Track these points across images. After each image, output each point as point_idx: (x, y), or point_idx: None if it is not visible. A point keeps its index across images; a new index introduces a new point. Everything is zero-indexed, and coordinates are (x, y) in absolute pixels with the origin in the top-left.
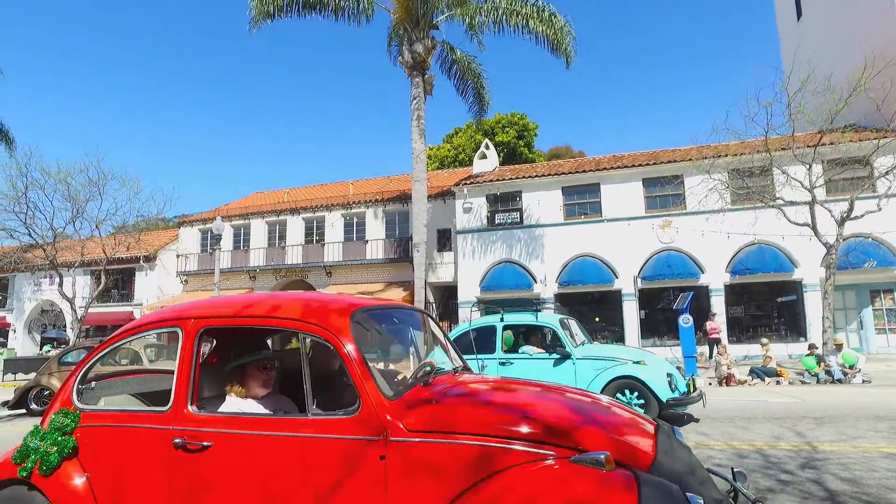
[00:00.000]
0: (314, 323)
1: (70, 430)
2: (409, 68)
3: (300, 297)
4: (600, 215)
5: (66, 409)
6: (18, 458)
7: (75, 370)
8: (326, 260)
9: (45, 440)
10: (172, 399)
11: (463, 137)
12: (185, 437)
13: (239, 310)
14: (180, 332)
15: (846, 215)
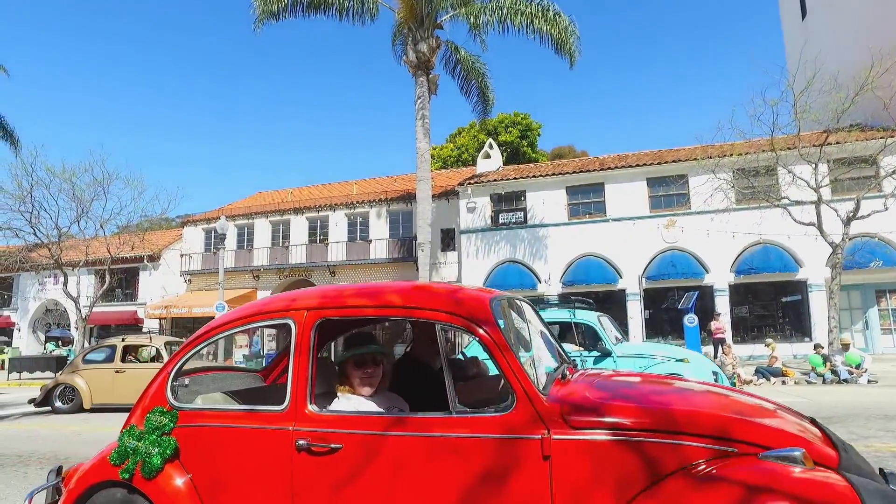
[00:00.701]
0: (457, 313)
1: (169, 430)
2: (413, 68)
3: (427, 285)
4: (604, 215)
5: (161, 407)
6: (117, 459)
7: (167, 366)
8: (330, 259)
9: (143, 441)
10: (290, 398)
11: (466, 137)
12: (310, 438)
13: (362, 300)
14: (292, 324)
15: (852, 215)
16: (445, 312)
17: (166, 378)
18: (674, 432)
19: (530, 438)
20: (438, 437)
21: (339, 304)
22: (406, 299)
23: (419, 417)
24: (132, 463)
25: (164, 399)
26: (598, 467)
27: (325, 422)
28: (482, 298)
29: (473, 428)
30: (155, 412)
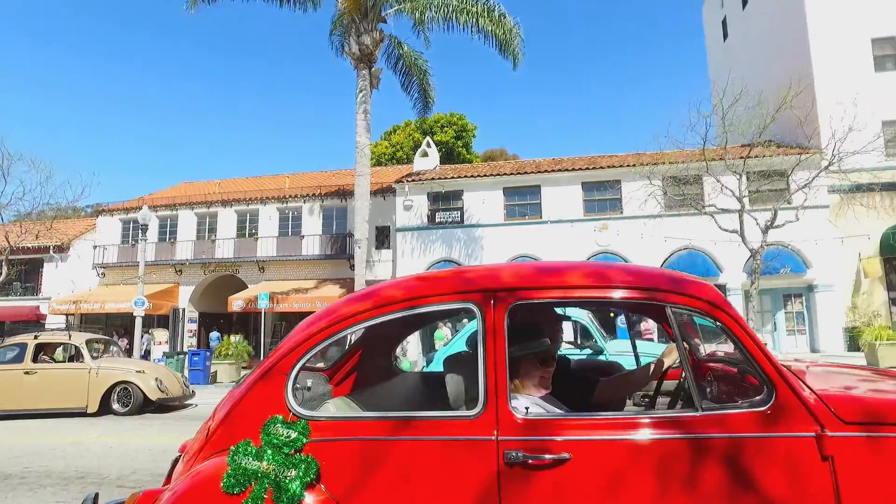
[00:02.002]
0: (696, 296)
1: (301, 447)
2: (355, 60)
3: (632, 267)
4: (540, 217)
5: (279, 417)
6: (234, 486)
7: (281, 364)
8: (260, 255)
9: (269, 460)
10: (486, 399)
11: (401, 135)
12: (524, 448)
13: (579, 280)
14: (477, 309)
15: (770, 224)
16: (684, 295)
17: (283, 379)
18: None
19: (800, 436)
20: (684, 438)
21: (544, 284)
22: (637, 281)
23: (660, 418)
24: (259, 490)
25: (282, 406)
26: (889, 469)
27: (541, 427)
28: (703, 281)
29: (726, 426)
30: (274, 423)
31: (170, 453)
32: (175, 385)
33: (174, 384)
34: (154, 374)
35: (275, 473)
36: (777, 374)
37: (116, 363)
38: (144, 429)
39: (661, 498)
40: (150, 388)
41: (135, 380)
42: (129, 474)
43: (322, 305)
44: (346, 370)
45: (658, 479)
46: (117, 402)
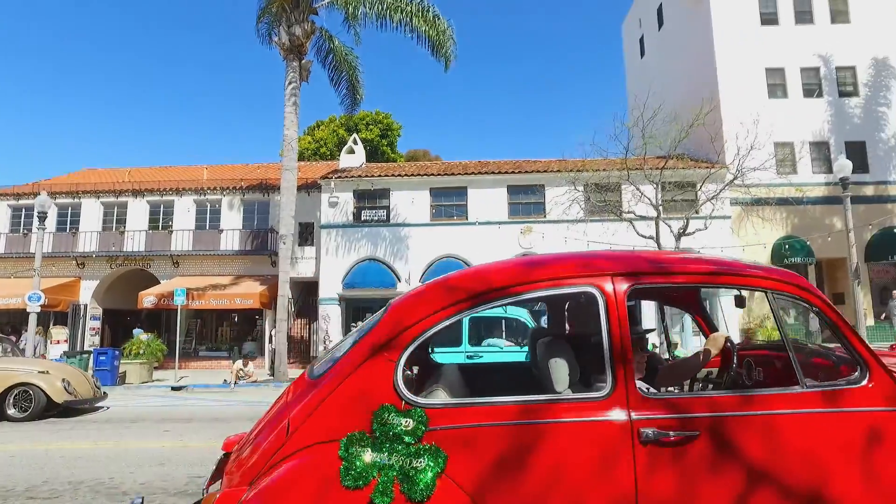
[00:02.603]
0: (791, 282)
1: (421, 436)
2: (285, 51)
3: (729, 258)
4: (466, 218)
5: (391, 405)
6: (355, 480)
7: (386, 350)
8: (174, 248)
9: (388, 452)
10: (615, 380)
11: (325, 131)
12: (656, 426)
13: (690, 266)
14: (596, 292)
15: (682, 231)
16: (781, 281)
17: (392, 366)
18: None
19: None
20: (795, 413)
21: (660, 269)
22: (745, 268)
23: (768, 394)
24: (386, 482)
25: (391, 394)
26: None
27: (670, 406)
28: (787, 271)
29: (831, 401)
30: (387, 413)
31: (88, 459)
32: (84, 386)
33: (83, 385)
34: (60, 375)
35: (400, 464)
36: (870, 354)
37: (15, 363)
38: (49, 434)
39: (782, 469)
40: (55, 389)
41: (37, 381)
42: (41, 484)
43: (242, 302)
44: None
45: (777, 453)
46: (13, 407)
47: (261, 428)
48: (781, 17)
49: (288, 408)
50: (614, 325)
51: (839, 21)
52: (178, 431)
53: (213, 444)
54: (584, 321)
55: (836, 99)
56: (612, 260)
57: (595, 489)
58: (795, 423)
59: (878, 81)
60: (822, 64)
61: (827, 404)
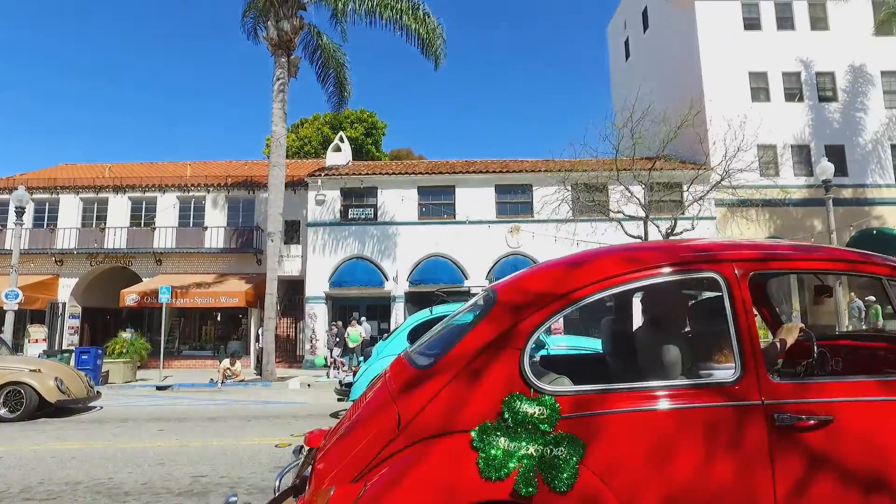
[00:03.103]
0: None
1: (555, 424)
2: (273, 46)
3: (840, 248)
4: (454, 217)
5: (521, 394)
6: (496, 471)
7: (513, 337)
8: (156, 246)
9: (526, 441)
10: (744, 366)
11: (310, 129)
12: (790, 411)
13: (793, 253)
14: (720, 279)
15: (670, 231)
16: (890, 267)
17: (517, 354)
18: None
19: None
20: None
21: (780, 256)
22: (860, 256)
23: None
24: (528, 472)
25: (518, 382)
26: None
27: (802, 391)
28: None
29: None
30: (518, 401)
31: (81, 460)
32: (78, 385)
33: (77, 384)
34: (53, 374)
35: (540, 454)
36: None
37: (5, 361)
38: (38, 434)
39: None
40: (47, 389)
41: (29, 380)
42: (36, 485)
43: (227, 301)
44: None
45: None
46: (3, 407)
47: (357, 421)
48: (764, 23)
49: (393, 399)
50: (740, 310)
51: (818, 28)
52: (173, 431)
53: (213, 444)
54: (703, 309)
55: (816, 103)
56: (733, 247)
57: (732, 474)
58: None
59: (855, 87)
60: (802, 69)
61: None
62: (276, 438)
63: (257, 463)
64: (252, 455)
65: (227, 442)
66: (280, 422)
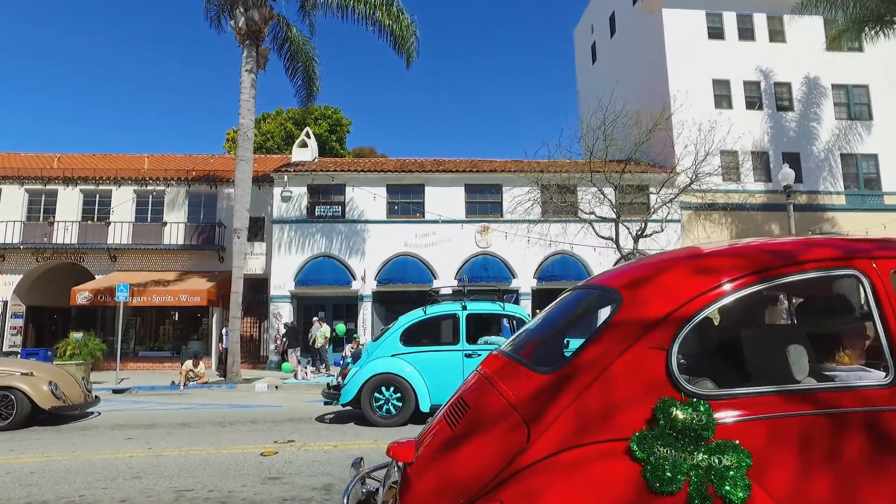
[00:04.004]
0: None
1: (713, 432)
2: (241, 36)
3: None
4: (423, 216)
5: (671, 398)
6: (668, 484)
7: (659, 336)
8: (111, 241)
9: (689, 450)
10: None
11: (272, 124)
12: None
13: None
14: (863, 277)
15: (640, 233)
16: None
17: (662, 354)
18: None
19: None
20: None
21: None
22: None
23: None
24: (699, 484)
25: (666, 385)
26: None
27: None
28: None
29: None
30: (671, 405)
31: (43, 475)
32: (75, 389)
33: (74, 388)
34: (47, 377)
35: (707, 464)
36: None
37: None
38: (33, 446)
39: None
40: (42, 394)
41: (20, 385)
42: None
43: (188, 300)
44: None
45: None
46: None
47: (468, 433)
48: (727, 33)
49: (514, 407)
50: (886, 307)
51: (776, 40)
52: (142, 439)
53: (192, 453)
54: (823, 308)
55: (774, 112)
56: (872, 243)
57: (889, 485)
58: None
59: (809, 98)
60: (762, 79)
61: None
62: (259, 446)
63: (245, 474)
64: (237, 465)
65: (207, 450)
66: (259, 427)
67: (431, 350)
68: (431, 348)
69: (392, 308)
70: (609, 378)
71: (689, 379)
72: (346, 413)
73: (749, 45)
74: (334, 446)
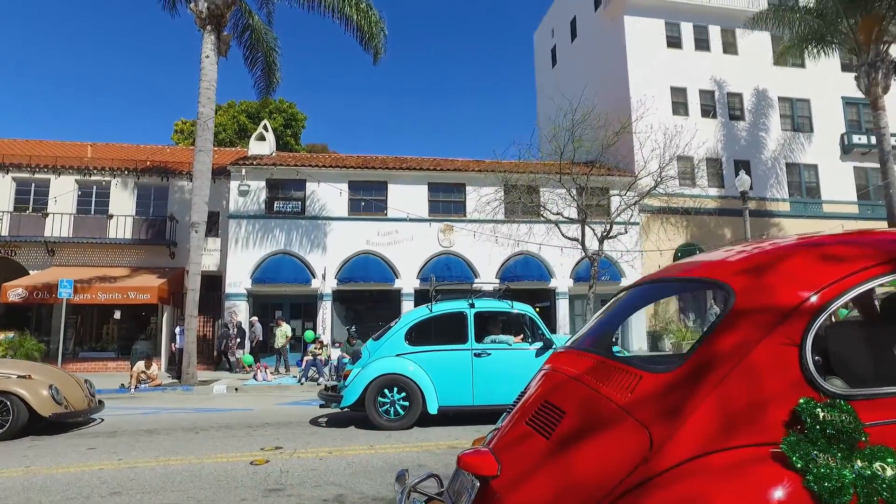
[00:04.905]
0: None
1: (863, 436)
2: (201, 20)
3: None
4: (385, 213)
5: (810, 399)
6: (837, 496)
7: (788, 330)
8: (49, 234)
9: (844, 457)
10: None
11: (224, 117)
12: None
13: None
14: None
15: (606, 234)
16: None
17: (794, 350)
18: None
19: None
20: None
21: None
22: None
23: None
24: (868, 495)
25: (802, 385)
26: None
27: None
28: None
29: None
30: (815, 406)
31: (49, 492)
32: (77, 394)
33: (76, 392)
34: (47, 380)
35: (870, 473)
36: None
37: None
38: (28, 456)
39: None
40: (41, 400)
41: (17, 389)
42: None
43: (137, 297)
44: None
45: None
46: None
47: (570, 442)
48: (684, 42)
49: (627, 411)
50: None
51: (729, 52)
52: (107, 449)
53: (171, 463)
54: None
55: (727, 121)
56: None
57: None
58: None
59: (758, 109)
60: (716, 88)
61: None
62: (246, 454)
63: (241, 486)
64: (227, 476)
65: (188, 460)
66: (236, 433)
67: (439, 349)
68: (439, 348)
69: (352, 308)
70: (738, 377)
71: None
72: (341, 416)
73: (705, 56)
74: (329, 452)
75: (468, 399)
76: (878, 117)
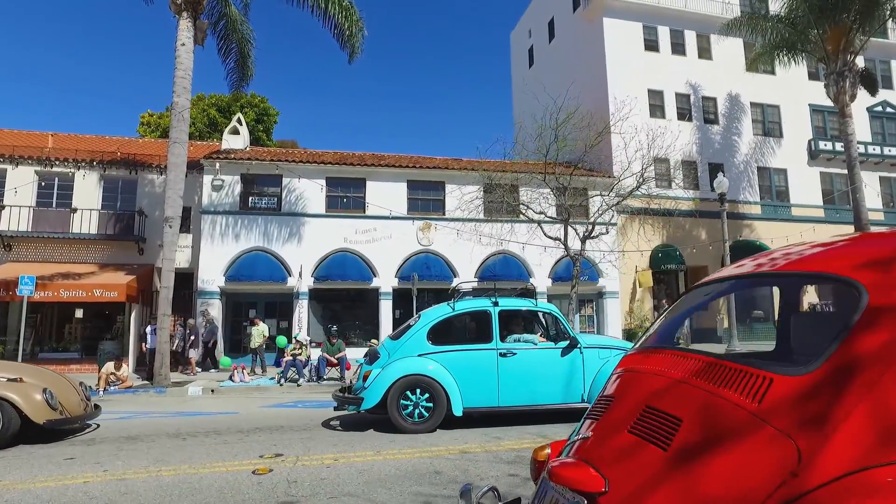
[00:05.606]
0: None
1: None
2: (177, 6)
3: None
4: (363, 211)
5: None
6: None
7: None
8: (5, 228)
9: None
10: None
11: (193, 110)
12: None
13: None
14: None
15: (588, 234)
16: None
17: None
18: None
19: None
20: None
21: None
22: None
23: None
24: None
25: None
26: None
27: None
28: None
29: None
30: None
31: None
32: (73, 398)
33: (72, 397)
34: (41, 383)
35: None
36: None
37: None
38: (21, 467)
39: None
40: (34, 405)
41: (8, 394)
42: None
43: (103, 295)
44: None
45: None
46: None
47: (683, 453)
48: (661, 46)
49: (764, 420)
50: None
51: (704, 57)
52: (88, 458)
53: (164, 475)
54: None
55: (702, 124)
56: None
57: None
58: None
59: (731, 114)
60: (692, 92)
61: None
62: (246, 462)
63: (248, 499)
64: (231, 487)
65: (183, 470)
66: (227, 439)
67: (464, 349)
68: (464, 347)
69: (329, 307)
70: (891, 379)
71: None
72: (356, 419)
73: (681, 60)
74: (335, 459)
75: (493, 400)
76: (846, 124)
